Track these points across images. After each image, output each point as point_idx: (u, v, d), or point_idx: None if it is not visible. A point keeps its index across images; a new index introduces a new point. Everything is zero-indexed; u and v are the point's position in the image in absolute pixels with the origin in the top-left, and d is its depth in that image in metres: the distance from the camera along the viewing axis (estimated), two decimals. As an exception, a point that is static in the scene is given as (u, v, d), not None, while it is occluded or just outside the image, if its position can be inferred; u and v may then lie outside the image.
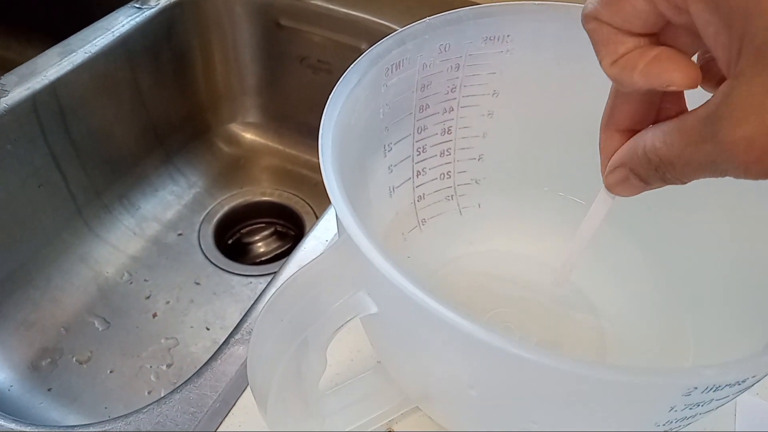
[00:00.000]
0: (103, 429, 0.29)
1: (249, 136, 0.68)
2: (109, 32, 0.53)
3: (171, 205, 0.63)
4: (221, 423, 0.29)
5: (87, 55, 0.52)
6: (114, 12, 0.56)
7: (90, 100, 0.53)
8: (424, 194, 0.33)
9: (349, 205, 0.19)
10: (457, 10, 0.28)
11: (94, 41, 0.52)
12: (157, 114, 0.62)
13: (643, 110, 0.20)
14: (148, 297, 0.56)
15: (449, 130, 0.32)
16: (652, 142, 0.18)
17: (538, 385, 0.17)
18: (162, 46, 0.59)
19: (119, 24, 0.55)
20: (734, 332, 0.26)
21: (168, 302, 0.56)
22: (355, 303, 0.19)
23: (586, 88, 0.30)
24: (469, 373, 0.19)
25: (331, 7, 0.58)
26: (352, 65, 0.24)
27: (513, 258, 0.35)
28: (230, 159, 0.67)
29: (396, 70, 0.27)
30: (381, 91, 0.27)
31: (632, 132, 0.20)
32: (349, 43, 0.59)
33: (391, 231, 0.32)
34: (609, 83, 0.30)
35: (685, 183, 0.17)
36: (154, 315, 0.55)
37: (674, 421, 0.19)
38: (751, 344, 0.22)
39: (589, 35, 0.19)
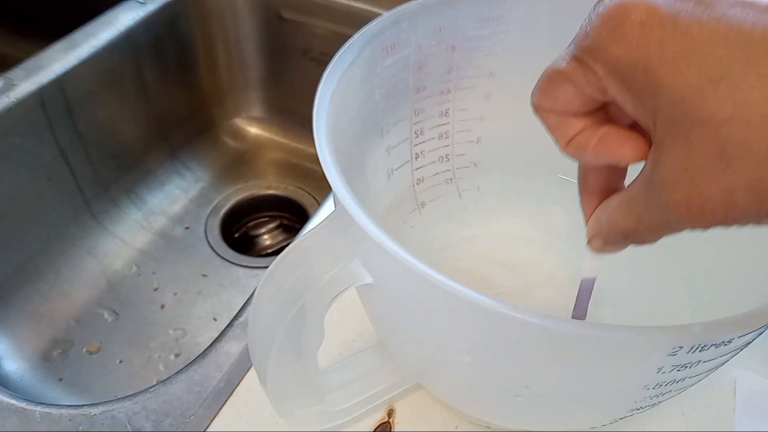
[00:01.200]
0: (111, 407, 0.30)
1: (254, 130, 0.69)
2: (114, 27, 0.54)
3: (178, 199, 0.64)
4: (225, 402, 0.30)
5: (92, 49, 0.52)
6: (118, 6, 0.57)
7: (96, 95, 0.54)
8: (423, 177, 0.34)
9: (342, 176, 0.19)
10: (452, -10, 0.28)
11: (99, 36, 0.53)
12: (162, 108, 0.62)
13: (612, 172, 0.21)
14: (156, 289, 0.57)
15: (447, 112, 0.32)
16: (613, 217, 0.19)
17: (527, 346, 0.17)
18: (166, 41, 0.60)
19: (123, 19, 0.55)
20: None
21: (176, 294, 0.57)
22: (349, 272, 0.20)
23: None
24: (461, 337, 0.19)
25: (332, -1, 0.59)
26: (345, 44, 0.25)
27: (513, 240, 0.35)
28: (235, 153, 0.68)
29: (391, 50, 0.27)
30: (377, 71, 0.27)
31: (609, 191, 0.21)
32: (352, 34, 0.59)
33: (390, 213, 0.33)
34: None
35: (654, 242, 0.18)
36: (162, 306, 0.56)
37: (664, 384, 0.19)
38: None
39: (542, 122, 0.20)
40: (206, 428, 0.29)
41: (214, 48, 0.64)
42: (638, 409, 0.21)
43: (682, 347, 0.17)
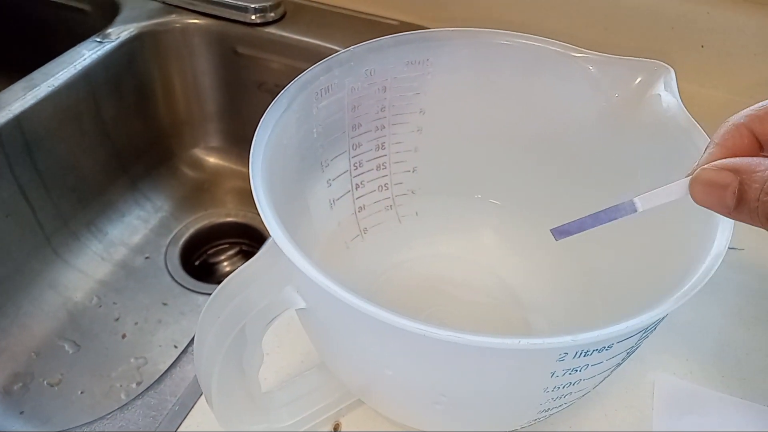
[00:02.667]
0: (69, 435, 0.31)
1: (212, 160, 0.71)
2: (71, 66, 0.56)
3: (138, 230, 0.65)
4: (181, 424, 0.32)
5: (50, 88, 0.54)
6: (76, 46, 0.58)
7: (54, 132, 0.56)
8: (364, 205, 0.36)
9: (273, 211, 0.22)
10: (379, 38, 0.31)
11: (57, 75, 0.55)
12: (122, 142, 0.64)
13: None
14: (117, 319, 0.58)
15: (383, 145, 0.35)
16: None
17: (434, 357, 0.20)
18: (124, 78, 0.61)
19: (81, 58, 0.57)
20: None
21: (137, 323, 0.58)
22: (283, 298, 0.22)
23: (502, 102, 0.34)
24: (379, 352, 0.21)
25: (284, 34, 0.61)
26: (281, 92, 0.27)
27: (450, 260, 0.38)
28: (195, 183, 0.70)
29: (325, 93, 0.30)
30: (312, 113, 0.30)
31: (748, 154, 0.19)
32: (304, 68, 0.61)
33: (334, 240, 0.35)
34: (522, 97, 0.34)
35: None
36: (123, 336, 0.57)
37: (561, 387, 0.22)
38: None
39: None
40: (162, 450, 0.31)
41: (172, 82, 0.66)
42: (547, 410, 0.24)
43: (567, 353, 0.20)
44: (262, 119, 0.26)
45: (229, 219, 0.68)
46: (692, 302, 0.42)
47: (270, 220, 0.21)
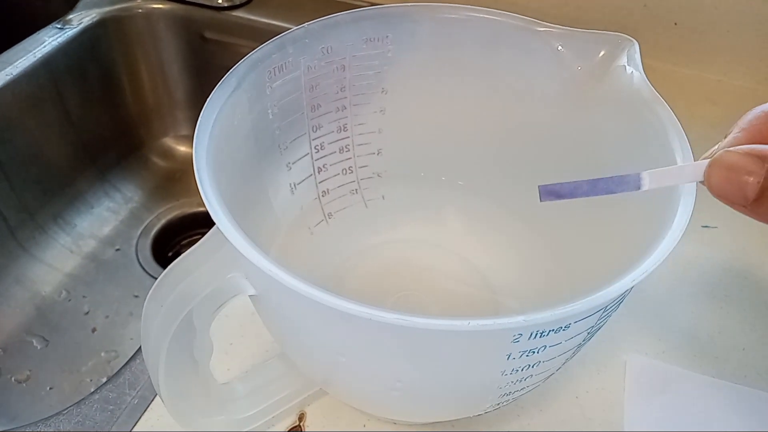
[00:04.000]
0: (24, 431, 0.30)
1: (183, 148, 0.69)
2: (31, 53, 0.54)
3: (107, 221, 0.64)
4: (140, 418, 0.31)
5: (8, 77, 0.52)
6: (35, 33, 0.57)
7: (14, 122, 0.54)
8: (328, 189, 0.35)
9: (216, 194, 0.20)
10: (335, 14, 0.30)
11: (16, 63, 0.53)
12: (88, 132, 0.62)
13: None
14: (87, 313, 0.57)
15: (345, 127, 0.34)
16: None
17: (386, 341, 0.19)
18: (87, 65, 0.60)
19: (41, 45, 0.55)
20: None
21: (107, 316, 0.56)
22: (230, 284, 0.21)
23: (465, 79, 0.33)
24: (332, 339, 0.21)
25: (252, 18, 0.60)
26: (229, 71, 0.26)
27: (418, 244, 0.37)
28: (165, 172, 0.68)
29: (279, 72, 0.29)
30: (266, 92, 0.28)
31: None
32: (275, 52, 0.60)
33: (297, 226, 0.34)
34: (485, 73, 0.33)
35: None
36: (94, 330, 0.55)
37: (520, 369, 0.21)
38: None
39: None
40: (121, 445, 0.30)
41: (138, 70, 0.64)
42: (509, 394, 0.23)
43: (521, 335, 0.19)
44: (208, 99, 0.25)
45: (201, 209, 0.66)
46: (664, 281, 0.41)
47: (212, 203, 0.20)
